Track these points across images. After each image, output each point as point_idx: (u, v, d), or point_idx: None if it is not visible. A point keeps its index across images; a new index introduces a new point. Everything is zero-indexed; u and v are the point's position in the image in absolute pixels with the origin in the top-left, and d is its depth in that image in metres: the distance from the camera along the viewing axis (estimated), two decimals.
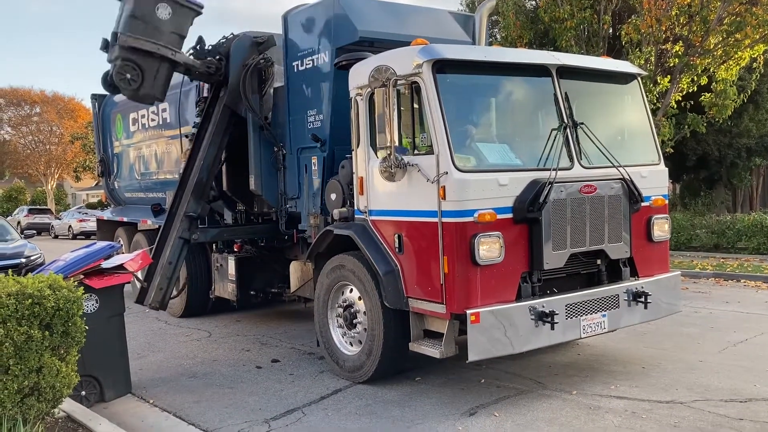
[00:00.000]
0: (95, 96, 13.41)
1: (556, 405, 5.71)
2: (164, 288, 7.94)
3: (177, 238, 8.08)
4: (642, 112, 6.88)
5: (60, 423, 5.19)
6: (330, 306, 6.76)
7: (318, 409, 5.86)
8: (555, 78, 6.12)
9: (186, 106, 9.88)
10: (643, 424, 5.21)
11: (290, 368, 7.22)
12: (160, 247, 8.13)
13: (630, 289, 6.22)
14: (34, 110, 51.19)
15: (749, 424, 5.12)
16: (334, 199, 6.96)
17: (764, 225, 15.47)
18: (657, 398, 5.78)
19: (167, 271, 7.98)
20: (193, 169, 8.25)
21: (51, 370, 4.78)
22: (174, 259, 8.05)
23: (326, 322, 6.78)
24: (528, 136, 6.22)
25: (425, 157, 5.59)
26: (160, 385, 6.78)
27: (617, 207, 6.13)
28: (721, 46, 15.14)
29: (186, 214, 8.11)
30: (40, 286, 4.79)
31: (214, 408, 6.00)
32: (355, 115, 6.37)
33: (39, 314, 4.68)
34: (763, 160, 22.83)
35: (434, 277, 5.55)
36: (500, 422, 5.36)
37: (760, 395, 5.79)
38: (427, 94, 5.55)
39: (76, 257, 6.20)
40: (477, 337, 5.29)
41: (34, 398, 4.76)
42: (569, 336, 5.84)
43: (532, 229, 5.65)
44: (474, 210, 5.37)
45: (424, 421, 5.47)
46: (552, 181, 5.61)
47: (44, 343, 4.72)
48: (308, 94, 7.69)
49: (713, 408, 5.50)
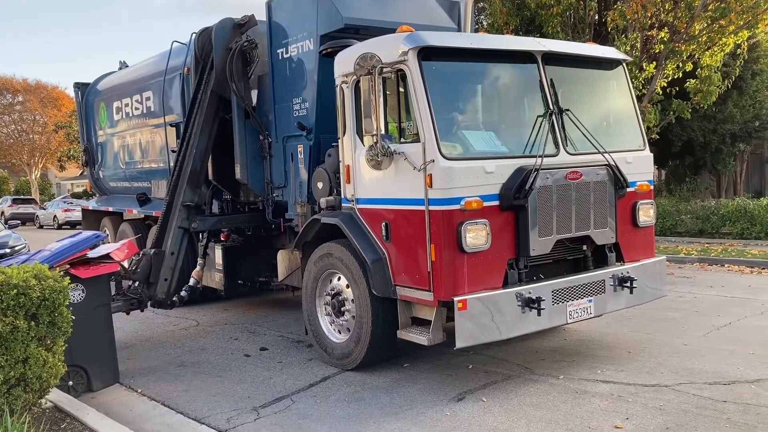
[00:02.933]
0: (78, 84, 13.26)
1: (543, 389, 5.76)
2: (169, 279, 7.89)
3: (177, 228, 8.03)
4: (627, 97, 6.90)
5: (47, 413, 5.17)
6: (318, 294, 6.76)
7: (307, 396, 5.88)
8: (540, 64, 6.12)
9: (170, 95, 9.78)
10: (629, 407, 5.27)
11: (279, 356, 7.24)
12: (160, 239, 8.11)
13: (616, 275, 6.27)
14: (17, 99, 50.41)
15: (733, 406, 5.22)
16: (321, 188, 6.94)
17: (748, 210, 15.63)
18: (642, 382, 5.85)
19: (170, 262, 7.93)
20: (186, 158, 8.19)
21: (37, 361, 4.76)
22: (176, 249, 8.02)
23: (314, 310, 6.79)
24: (514, 123, 6.23)
25: (411, 145, 5.58)
26: (148, 375, 6.78)
27: (603, 193, 6.16)
28: (705, 32, 15.20)
29: (183, 203, 8.08)
30: (25, 276, 4.75)
31: (202, 396, 6.00)
32: (341, 103, 6.34)
33: (24, 305, 4.65)
34: (746, 145, 23.02)
35: (421, 265, 5.56)
36: (488, 407, 5.41)
37: (743, 378, 5.87)
38: (413, 81, 5.52)
39: (62, 247, 6.16)
40: (464, 324, 5.32)
41: (20, 389, 4.74)
42: (556, 321, 5.88)
43: (519, 216, 5.67)
44: (460, 198, 5.38)
45: (412, 406, 5.51)
46: (538, 168, 5.62)
47: (30, 333, 4.70)
48: (293, 82, 7.64)
49: (697, 391, 5.57)
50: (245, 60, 8.14)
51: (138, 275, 7.77)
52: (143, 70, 10.93)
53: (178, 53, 9.55)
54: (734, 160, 23.75)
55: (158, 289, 7.81)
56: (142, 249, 8.26)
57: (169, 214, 8.15)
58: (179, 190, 8.14)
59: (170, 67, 9.63)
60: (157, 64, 10.23)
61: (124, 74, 11.96)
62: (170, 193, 8.22)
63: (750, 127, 22.04)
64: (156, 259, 7.85)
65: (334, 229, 6.48)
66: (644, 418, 5.05)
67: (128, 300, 7.57)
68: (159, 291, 7.81)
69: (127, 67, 12.52)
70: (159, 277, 7.82)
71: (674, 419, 4.99)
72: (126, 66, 12.66)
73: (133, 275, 7.80)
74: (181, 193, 8.11)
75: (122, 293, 7.67)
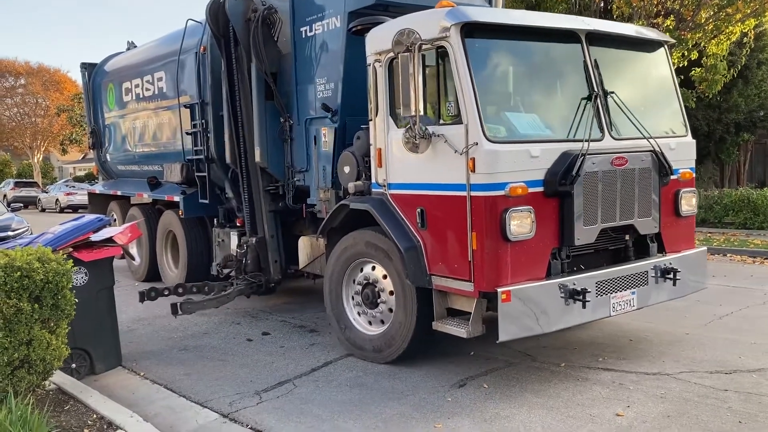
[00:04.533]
0: (85, 65, 12.88)
1: (544, 377, 5.73)
2: (279, 259, 8.19)
3: (268, 213, 8.18)
4: (669, 81, 6.61)
5: (51, 395, 5.18)
6: (345, 283, 6.48)
7: (309, 381, 5.86)
8: (584, 44, 5.81)
9: (183, 76, 9.45)
10: (630, 395, 5.25)
11: (281, 341, 7.22)
12: (253, 227, 8.29)
13: (658, 266, 6.01)
14: (19, 82, 49.95)
15: (734, 394, 5.20)
16: (348, 172, 6.64)
17: (751, 200, 15.47)
18: (644, 370, 5.81)
19: (273, 245, 8.18)
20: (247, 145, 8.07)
21: (41, 343, 4.76)
22: (274, 232, 8.22)
23: (340, 300, 6.51)
24: (557, 106, 5.91)
25: (452, 127, 5.28)
26: (151, 358, 6.77)
27: (647, 180, 5.88)
28: (712, 20, 14.94)
29: (265, 189, 8.14)
30: (28, 259, 4.73)
31: (204, 380, 5.99)
32: (373, 83, 6.03)
33: (28, 287, 4.64)
34: (751, 135, 22.75)
35: (461, 254, 5.28)
36: (489, 393, 5.39)
37: (744, 367, 5.84)
38: (455, 59, 5.22)
39: (65, 230, 6.09)
40: (508, 316, 5.05)
41: (24, 371, 4.74)
42: (599, 314, 5.61)
43: (563, 203, 5.39)
44: (505, 183, 5.09)
45: (414, 392, 5.46)
46: (585, 153, 5.33)
47: (34, 315, 4.69)
48: (317, 61, 7.31)
49: (699, 379, 5.55)
50: (268, 24, 7.77)
51: (251, 266, 8.15)
52: (155, 50, 10.59)
53: (193, 32, 9.21)
54: (738, 150, 23.48)
55: (273, 272, 8.10)
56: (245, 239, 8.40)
57: (253, 203, 8.25)
58: (254, 178, 8.14)
59: (185, 47, 9.28)
60: (171, 43, 9.88)
61: (134, 54, 11.61)
62: (246, 184, 8.21)
63: (755, 116, 21.79)
64: (260, 246, 8.14)
65: (362, 215, 6.19)
66: (645, 406, 5.03)
67: (250, 283, 8.05)
68: (274, 273, 8.11)
69: (135, 48, 12.17)
70: (269, 261, 8.11)
71: (675, 407, 4.97)
72: (134, 46, 12.31)
73: (246, 268, 8.17)
74: (258, 181, 8.12)
75: (243, 278, 8.10)
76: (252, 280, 8.11)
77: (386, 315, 6.09)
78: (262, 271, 8.19)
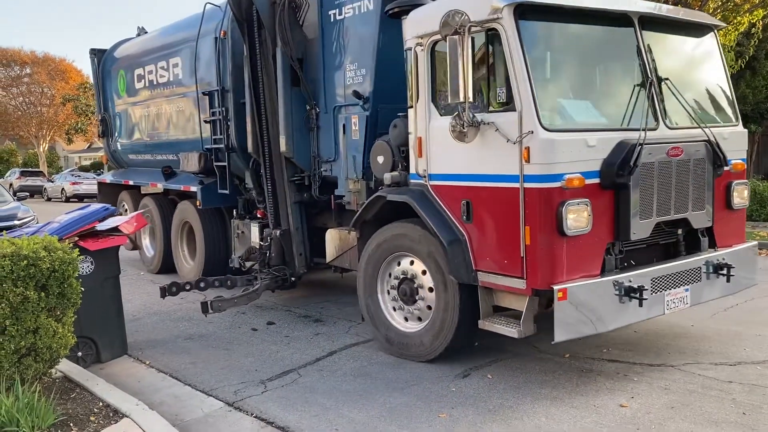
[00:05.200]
0: (94, 51, 12.51)
1: (549, 368, 5.69)
2: (303, 252, 7.91)
3: (293, 204, 7.85)
4: (719, 67, 6.30)
5: (57, 383, 5.21)
6: (380, 278, 6.20)
7: (313, 370, 5.87)
8: (637, 28, 5.51)
9: (201, 62, 9.11)
10: (634, 386, 5.22)
11: (286, 330, 7.22)
12: (277, 219, 7.97)
13: (710, 261, 5.73)
14: (25, 71, 49.50)
15: (738, 386, 5.17)
16: (382, 163, 6.34)
17: (757, 192, 15.21)
18: (648, 361, 5.77)
19: (298, 237, 7.87)
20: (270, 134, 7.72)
21: (47, 331, 4.78)
22: (299, 224, 7.88)
23: (375, 296, 6.23)
24: (610, 92, 5.63)
25: (504, 114, 4.98)
26: (156, 347, 6.78)
27: (702, 172, 5.59)
28: (720, 10, 14.58)
29: (290, 180, 7.81)
30: (35, 248, 4.74)
31: (210, 369, 6.00)
32: (413, 68, 5.72)
33: (35, 275, 4.65)
34: (758, 126, 22.44)
35: (512, 249, 5.00)
36: (493, 384, 5.37)
37: (749, 359, 5.81)
38: (508, 42, 4.91)
39: (71, 219, 6.07)
40: (564, 315, 4.78)
41: (31, 358, 4.76)
42: (653, 313, 5.33)
43: (619, 196, 5.10)
44: (562, 174, 4.80)
45: (418, 382, 5.44)
46: (642, 143, 5.04)
47: (40, 304, 4.71)
48: (348, 46, 6.98)
49: (703, 371, 5.51)
50: (293, 7, 7.44)
51: (275, 259, 7.87)
52: (170, 35, 10.24)
53: (211, 16, 8.88)
54: None
55: (298, 265, 7.83)
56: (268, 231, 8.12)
57: (276, 193, 7.91)
58: (278, 168, 7.81)
59: (203, 32, 8.94)
60: (187, 28, 9.55)
61: (147, 40, 11.26)
62: (269, 174, 7.89)
63: (762, 107, 21.47)
64: (284, 238, 7.84)
65: (399, 208, 5.91)
66: (649, 397, 5.00)
67: (274, 277, 7.75)
68: (299, 266, 7.84)
69: (147, 34, 11.83)
70: (294, 254, 7.82)
71: (679, 399, 4.95)
72: (145, 32, 11.97)
73: (271, 261, 7.89)
74: (283, 171, 7.79)
75: (267, 270, 7.83)
76: (277, 273, 7.82)
77: (424, 312, 5.82)
78: (286, 264, 7.92)
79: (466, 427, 4.59)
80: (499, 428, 4.56)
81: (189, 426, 4.77)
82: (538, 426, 4.57)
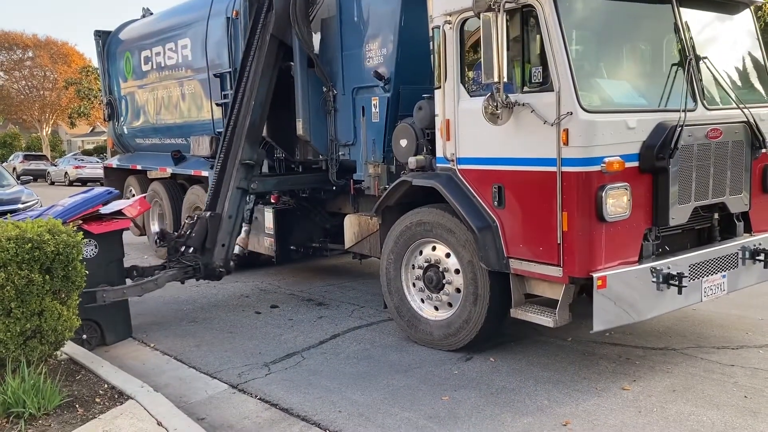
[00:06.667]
0: (99, 33, 12.20)
1: (551, 351, 5.70)
2: (227, 244, 7.23)
3: (235, 189, 7.22)
4: (755, 45, 6.07)
5: (62, 365, 5.24)
6: (404, 265, 6.02)
7: (317, 353, 5.90)
8: (675, 4, 5.28)
9: (214, 42, 8.85)
10: (636, 369, 5.22)
11: (289, 314, 7.22)
12: (214, 201, 7.30)
13: (747, 246, 5.54)
14: (27, 54, 49.24)
15: (740, 370, 5.17)
16: (406, 146, 6.14)
17: None
18: (651, 345, 5.77)
19: (228, 226, 7.19)
20: (242, 111, 7.30)
21: (52, 314, 4.79)
22: (234, 212, 7.25)
23: (399, 283, 6.06)
24: (647, 72, 5.42)
25: (540, 94, 4.77)
26: (161, 330, 6.80)
27: (740, 154, 5.40)
28: None
29: (242, 161, 7.25)
30: (39, 231, 4.74)
31: (214, 352, 6.03)
32: (441, 47, 5.49)
33: (39, 258, 4.64)
34: None
35: (548, 236, 4.81)
36: (496, 367, 5.37)
37: (751, 343, 5.80)
38: (545, 20, 4.68)
39: (74, 203, 6.09)
40: (603, 304, 4.61)
41: (36, 341, 4.77)
42: (690, 300, 5.16)
43: (658, 179, 4.91)
44: (601, 157, 4.60)
45: (421, 366, 5.46)
46: (682, 125, 4.84)
47: (45, 287, 4.70)
48: (368, 24, 6.77)
49: (705, 354, 5.51)
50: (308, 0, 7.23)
51: (193, 240, 7.10)
52: (179, 16, 9.96)
53: None
54: None
55: (215, 256, 7.10)
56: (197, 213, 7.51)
57: (224, 173, 7.33)
58: (236, 146, 7.29)
59: (214, 11, 8.69)
60: (197, 8, 9.27)
61: (154, 21, 10.97)
62: (224, 151, 7.37)
63: None
64: (212, 222, 7.10)
65: (424, 192, 5.72)
66: (651, 380, 5.00)
67: (183, 267, 6.98)
68: (216, 257, 7.10)
69: (152, 15, 11.54)
70: (216, 243, 7.10)
71: (681, 382, 4.95)
72: (150, 13, 11.67)
73: (188, 240, 7.12)
74: (238, 151, 7.26)
75: (177, 260, 7.07)
76: (187, 263, 7.01)
77: (453, 298, 5.64)
78: (205, 252, 7.10)
79: (469, 410, 4.60)
80: (501, 411, 4.57)
81: (193, 407, 4.79)
82: (540, 408, 4.59)
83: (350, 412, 4.63)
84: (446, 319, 5.68)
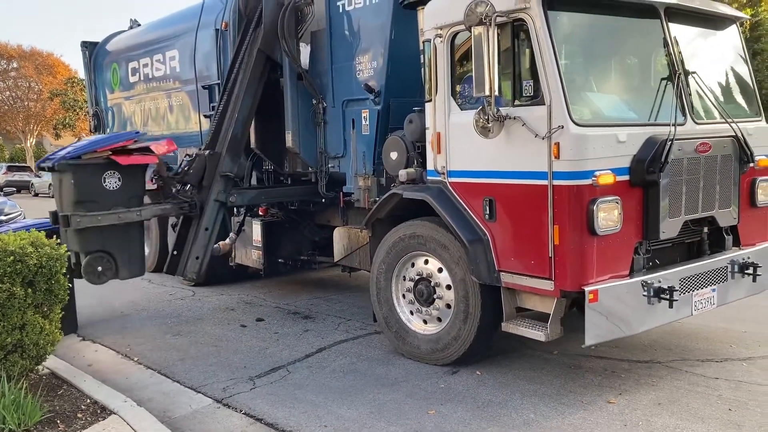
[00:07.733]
0: (86, 44, 12.12)
1: (537, 364, 5.70)
2: (201, 257, 7.10)
3: (213, 201, 7.16)
4: (741, 60, 6.14)
5: (44, 380, 5.20)
6: (394, 278, 5.98)
7: (302, 367, 5.86)
8: (664, 19, 5.33)
9: (202, 54, 8.81)
10: (622, 383, 5.24)
11: (275, 327, 7.18)
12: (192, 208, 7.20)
13: (735, 260, 5.56)
14: (11, 65, 48.77)
15: (724, 383, 5.21)
16: (396, 159, 6.13)
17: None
18: (636, 358, 5.79)
19: (203, 238, 7.10)
20: (225, 123, 7.26)
21: (34, 328, 4.75)
22: (210, 225, 7.15)
23: (389, 294, 6.01)
24: (637, 86, 5.44)
25: (532, 108, 4.78)
26: (145, 343, 6.73)
27: (728, 168, 5.44)
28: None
29: (221, 174, 7.18)
30: (22, 243, 4.70)
31: (198, 366, 5.97)
32: (432, 61, 5.49)
33: (21, 271, 4.61)
34: None
35: (539, 249, 4.80)
36: (482, 380, 5.37)
37: (735, 356, 5.84)
38: (536, 33, 4.70)
39: (102, 137, 6.38)
40: (595, 318, 4.60)
41: (17, 355, 4.72)
42: (681, 314, 5.15)
43: (648, 193, 4.92)
44: (592, 171, 4.60)
45: (407, 379, 5.45)
46: (672, 139, 4.86)
47: (27, 300, 4.67)
48: (358, 37, 6.77)
49: (690, 368, 5.54)
50: (297, 17, 7.23)
51: (191, 177, 7.13)
52: (167, 28, 9.92)
53: (212, 7, 8.59)
54: None
55: (188, 268, 7.14)
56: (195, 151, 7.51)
57: (203, 183, 7.26)
58: (214, 159, 7.25)
59: (203, 23, 8.67)
60: (185, 20, 9.25)
61: (141, 32, 10.92)
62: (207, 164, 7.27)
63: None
64: (211, 160, 7.11)
65: (414, 205, 5.69)
66: (637, 393, 5.02)
67: (179, 203, 7.07)
68: (189, 269, 7.15)
69: (140, 26, 11.49)
70: (190, 253, 7.09)
71: (666, 395, 4.97)
72: (138, 25, 11.62)
73: (185, 177, 7.15)
74: (218, 163, 7.24)
75: (172, 196, 7.12)
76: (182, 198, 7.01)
77: (443, 313, 5.61)
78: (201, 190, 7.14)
79: (455, 424, 4.57)
80: (488, 424, 4.55)
81: (177, 422, 4.72)
82: (526, 422, 4.57)
83: (336, 426, 4.58)
84: (435, 334, 5.64)
